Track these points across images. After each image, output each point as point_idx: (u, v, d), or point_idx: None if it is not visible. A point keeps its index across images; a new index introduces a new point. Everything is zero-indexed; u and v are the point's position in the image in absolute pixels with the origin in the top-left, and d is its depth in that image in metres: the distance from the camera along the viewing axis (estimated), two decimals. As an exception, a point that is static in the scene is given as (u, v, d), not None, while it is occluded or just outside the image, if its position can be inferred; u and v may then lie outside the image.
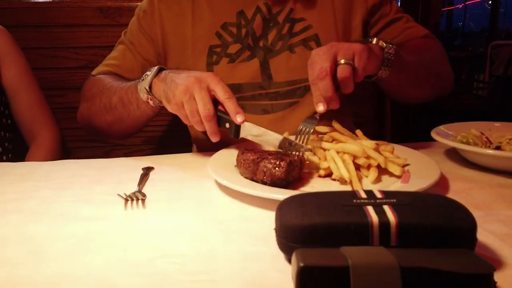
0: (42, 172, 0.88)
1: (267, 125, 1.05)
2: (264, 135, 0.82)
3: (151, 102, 0.89)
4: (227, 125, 0.83)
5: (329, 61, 0.78)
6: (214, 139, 0.83)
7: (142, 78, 0.90)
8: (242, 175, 0.76)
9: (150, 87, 0.88)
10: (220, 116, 0.82)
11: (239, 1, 1.06)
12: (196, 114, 0.81)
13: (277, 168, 0.70)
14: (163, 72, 0.89)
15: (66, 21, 1.47)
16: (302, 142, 0.79)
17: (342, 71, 0.78)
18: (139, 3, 1.49)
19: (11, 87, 1.21)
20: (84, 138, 1.57)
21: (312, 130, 0.80)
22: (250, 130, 0.82)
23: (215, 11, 1.07)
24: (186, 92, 0.80)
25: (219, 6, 1.07)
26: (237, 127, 0.82)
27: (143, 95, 0.89)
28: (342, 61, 0.78)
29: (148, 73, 0.89)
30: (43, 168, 0.91)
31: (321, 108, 0.80)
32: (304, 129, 0.81)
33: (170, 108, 0.85)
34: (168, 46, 1.08)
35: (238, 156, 0.77)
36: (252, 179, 0.73)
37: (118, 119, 0.98)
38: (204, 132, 0.83)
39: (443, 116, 3.09)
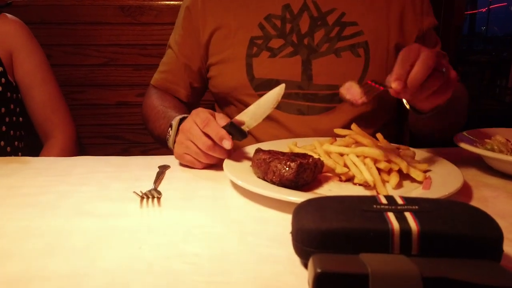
0: (60, 167, 0.89)
1: (301, 125, 1.04)
2: (257, 109, 0.83)
3: None
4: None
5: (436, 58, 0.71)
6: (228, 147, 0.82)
7: (168, 133, 0.93)
8: (255, 174, 0.75)
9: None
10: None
11: None
12: (201, 155, 0.83)
13: (286, 169, 0.69)
14: (179, 130, 0.88)
15: (88, 19, 1.50)
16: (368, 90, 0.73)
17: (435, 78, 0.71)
18: (158, 2, 1.52)
19: (24, 82, 1.17)
20: (102, 135, 1.59)
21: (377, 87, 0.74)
22: (244, 121, 0.83)
23: (259, 2, 1.05)
24: (181, 154, 0.85)
25: None
26: (236, 130, 0.82)
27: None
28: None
29: (170, 132, 0.91)
30: (61, 163, 0.92)
31: (396, 84, 0.69)
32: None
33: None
34: (209, 37, 1.08)
35: (253, 155, 0.77)
36: (264, 179, 0.73)
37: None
38: None
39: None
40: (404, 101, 0.87)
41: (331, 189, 0.73)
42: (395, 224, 0.44)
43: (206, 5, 1.08)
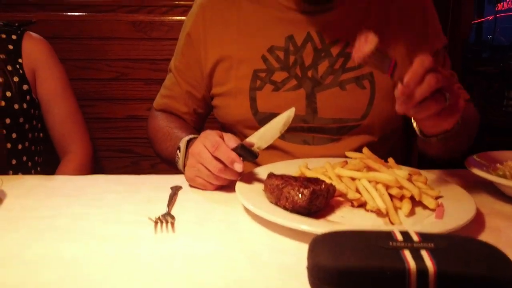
0: (73, 187, 0.90)
1: (306, 154, 1.02)
2: (267, 131, 0.84)
3: None
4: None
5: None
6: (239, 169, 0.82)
7: (177, 155, 0.93)
8: (268, 199, 0.76)
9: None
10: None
11: (289, 25, 1.01)
12: (212, 178, 0.83)
13: (300, 196, 0.70)
14: (188, 151, 0.89)
15: (99, 34, 1.51)
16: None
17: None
18: (170, 18, 1.53)
19: (45, 99, 1.20)
20: (111, 149, 1.60)
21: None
22: (254, 143, 0.84)
23: (262, 33, 1.03)
24: (192, 178, 0.86)
25: (267, 28, 1.03)
26: (246, 152, 0.82)
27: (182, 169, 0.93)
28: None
29: (179, 155, 0.93)
30: (74, 182, 0.93)
31: (400, 89, 0.71)
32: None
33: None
34: (212, 68, 1.06)
35: (265, 180, 0.77)
36: (276, 204, 0.73)
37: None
38: None
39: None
40: (414, 124, 0.87)
41: (343, 215, 0.73)
42: (411, 263, 0.45)
43: (208, 35, 1.06)
